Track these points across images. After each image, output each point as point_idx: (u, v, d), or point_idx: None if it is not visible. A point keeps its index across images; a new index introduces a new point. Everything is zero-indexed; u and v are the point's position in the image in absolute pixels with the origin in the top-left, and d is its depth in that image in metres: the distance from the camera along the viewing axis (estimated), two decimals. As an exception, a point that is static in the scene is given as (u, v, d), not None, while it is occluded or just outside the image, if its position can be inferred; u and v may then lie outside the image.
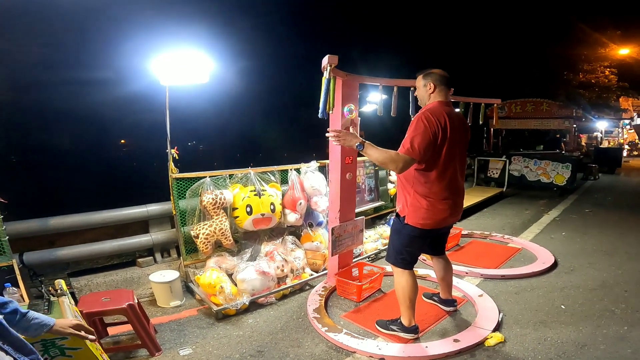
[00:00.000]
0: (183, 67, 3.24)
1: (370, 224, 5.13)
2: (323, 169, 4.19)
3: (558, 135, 14.01)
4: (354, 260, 3.78)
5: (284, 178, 4.00)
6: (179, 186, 3.42)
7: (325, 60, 2.76)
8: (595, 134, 18.60)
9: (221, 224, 3.39)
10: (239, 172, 3.69)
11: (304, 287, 3.55)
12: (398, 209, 2.58)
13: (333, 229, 3.27)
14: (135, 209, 3.99)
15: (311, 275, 3.65)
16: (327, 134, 2.49)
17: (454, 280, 3.08)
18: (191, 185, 3.43)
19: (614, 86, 17.58)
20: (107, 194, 10.83)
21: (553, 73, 16.98)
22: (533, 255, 4.25)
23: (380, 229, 4.84)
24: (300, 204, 3.81)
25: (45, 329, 1.42)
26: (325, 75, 2.73)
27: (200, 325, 2.93)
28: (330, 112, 2.83)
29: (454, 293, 3.06)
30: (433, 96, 2.47)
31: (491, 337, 2.56)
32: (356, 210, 3.67)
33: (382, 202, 5.24)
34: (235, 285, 3.20)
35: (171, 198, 3.42)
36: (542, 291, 3.36)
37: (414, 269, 2.59)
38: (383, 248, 4.36)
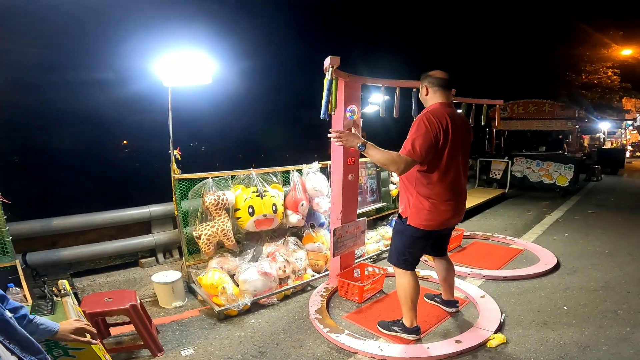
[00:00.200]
0: (186, 68, 3.26)
1: (372, 225, 5.13)
2: (325, 170, 4.19)
3: (560, 136, 13.95)
4: (355, 261, 3.78)
5: (286, 179, 4.00)
6: (181, 187, 3.43)
7: (327, 62, 2.77)
8: (597, 135, 18.52)
9: (223, 225, 3.39)
10: (241, 173, 3.70)
11: (305, 288, 3.55)
12: (400, 210, 2.58)
13: (335, 230, 3.27)
14: (137, 209, 4.01)
15: (313, 276, 3.65)
16: (329, 135, 2.49)
17: (456, 281, 3.07)
18: (193, 186, 3.44)
19: (617, 87, 17.53)
20: (110, 195, 10.86)
21: (555, 74, 16.97)
22: (535, 257, 4.24)
23: (382, 230, 4.84)
24: (302, 205, 3.82)
25: (50, 335, 1.44)
26: (327, 76, 2.74)
27: (202, 325, 2.94)
28: (333, 113, 2.84)
29: (456, 294, 3.06)
30: (433, 98, 2.47)
31: (493, 338, 2.56)
32: (358, 212, 3.67)
33: (384, 203, 5.24)
34: (237, 285, 3.20)
35: (173, 199, 3.43)
36: (545, 292, 3.36)
37: (415, 270, 2.59)
38: (385, 249, 4.36)
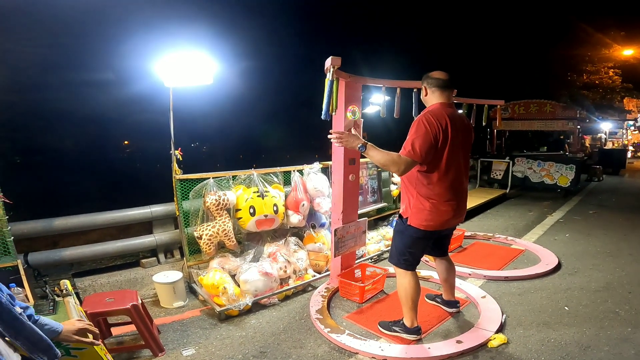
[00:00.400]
0: (187, 69, 3.26)
1: (373, 225, 5.13)
2: (326, 170, 4.20)
3: (562, 137, 13.96)
4: (356, 261, 3.78)
5: (286, 179, 4.01)
6: (182, 187, 3.44)
7: (328, 62, 2.77)
8: (599, 135, 18.48)
9: (224, 225, 3.40)
10: (242, 174, 3.71)
11: (306, 288, 3.55)
12: (401, 210, 2.59)
13: (336, 230, 3.28)
14: (139, 209, 4.01)
15: (314, 276, 3.65)
16: (330, 136, 2.49)
17: (457, 282, 3.08)
18: (194, 187, 3.45)
19: (618, 87, 17.50)
20: (111, 195, 10.88)
21: (557, 74, 16.95)
22: (536, 257, 4.24)
23: (383, 230, 4.84)
24: (303, 205, 3.82)
25: (54, 335, 1.45)
26: (328, 76, 2.74)
27: (203, 325, 2.94)
28: (333, 114, 2.84)
29: (457, 294, 3.06)
30: (433, 98, 2.47)
31: (494, 339, 2.56)
32: (359, 212, 3.68)
33: (385, 204, 5.24)
34: (238, 286, 3.21)
35: (174, 199, 3.44)
36: (546, 293, 3.35)
37: (416, 271, 2.59)
38: (386, 249, 4.36)
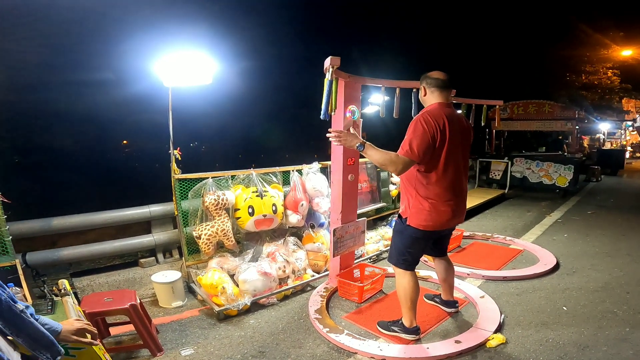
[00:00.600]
0: (186, 69, 3.26)
1: (372, 225, 5.13)
2: (325, 170, 4.20)
3: (560, 137, 13.97)
4: (355, 261, 3.78)
5: (285, 179, 4.00)
6: (181, 187, 3.44)
7: (327, 62, 2.77)
8: (597, 135, 18.52)
9: (223, 225, 3.40)
10: (241, 173, 3.71)
11: (305, 288, 3.55)
12: (400, 211, 2.59)
13: (335, 230, 3.28)
14: (137, 209, 4.00)
15: (313, 276, 3.65)
16: (328, 134, 2.50)
17: (456, 282, 3.08)
18: (193, 186, 3.44)
19: (617, 87, 17.56)
20: (109, 195, 10.86)
21: (556, 74, 17.00)
22: (535, 257, 4.24)
23: (382, 230, 4.85)
24: (302, 205, 3.82)
25: (53, 335, 1.44)
26: (328, 76, 2.74)
27: (202, 325, 2.94)
28: (333, 114, 2.84)
29: (456, 294, 3.06)
30: (432, 98, 2.47)
31: (492, 339, 2.56)
32: (358, 212, 3.68)
33: (384, 204, 5.25)
34: (237, 285, 3.21)
35: (173, 199, 3.43)
36: (544, 293, 3.36)
37: (415, 271, 2.59)
38: (385, 249, 4.36)
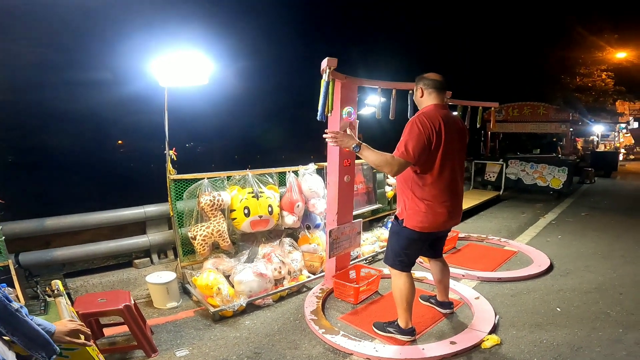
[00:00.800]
0: (182, 69, 3.25)
1: (368, 226, 5.14)
2: (321, 172, 4.20)
3: (555, 139, 14.07)
4: (351, 262, 3.78)
5: (282, 180, 4.00)
6: (176, 187, 3.42)
7: (324, 63, 2.77)
8: (591, 137, 18.67)
9: (219, 226, 3.39)
10: (237, 174, 3.70)
11: (301, 289, 3.55)
12: (397, 212, 2.59)
13: (331, 232, 3.28)
14: (132, 210, 3.99)
15: (308, 277, 3.64)
16: (325, 135, 2.50)
17: (451, 283, 3.09)
18: (189, 187, 3.43)
19: (611, 90, 17.69)
20: (104, 195, 10.80)
21: (550, 77, 17.10)
22: (529, 258, 4.27)
23: (378, 232, 4.85)
24: (298, 206, 3.82)
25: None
26: (325, 77, 2.74)
27: (197, 326, 2.93)
28: (329, 115, 2.84)
29: (451, 295, 3.07)
30: (427, 100, 2.47)
31: (487, 340, 2.57)
32: (354, 213, 3.68)
33: (380, 205, 5.26)
34: (233, 286, 3.19)
35: (169, 199, 3.42)
36: (538, 294, 3.38)
37: (411, 272, 2.60)
38: (380, 250, 4.37)
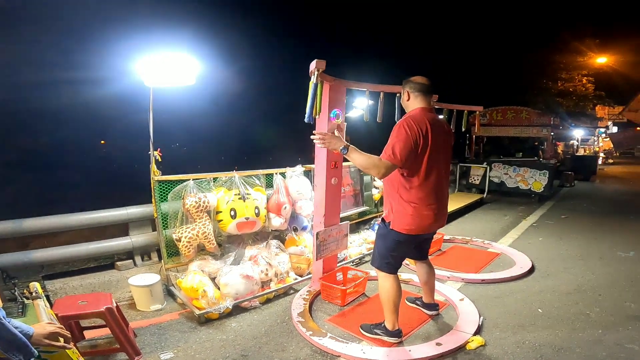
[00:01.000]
0: (169, 69, 3.20)
1: (355, 228, 5.15)
2: (308, 174, 4.19)
3: (536, 143, 14.36)
4: (338, 264, 3.79)
5: (269, 182, 3.98)
6: (161, 189, 3.37)
7: (312, 65, 2.77)
8: (571, 142, 19.14)
9: (204, 228, 3.35)
10: (223, 176, 3.66)
11: (288, 291, 3.53)
12: (384, 214, 2.61)
13: (318, 234, 3.28)
14: (114, 211, 3.90)
15: (295, 279, 3.63)
16: (312, 137, 2.50)
17: (436, 285, 3.12)
18: (174, 188, 3.38)
19: (591, 95, 18.11)
20: (85, 196, 10.56)
21: (533, 81, 17.43)
22: (512, 260, 4.35)
23: (365, 234, 4.87)
24: (285, 208, 3.80)
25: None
26: (313, 79, 2.74)
27: (182, 329, 2.88)
28: (317, 117, 2.84)
29: (436, 297, 3.11)
30: (414, 103, 2.49)
31: (472, 341, 2.61)
32: (341, 215, 3.69)
33: (367, 207, 5.28)
34: (219, 289, 3.16)
35: (153, 201, 3.36)
36: (520, 295, 3.44)
37: (397, 274, 2.62)
38: (367, 253, 4.39)
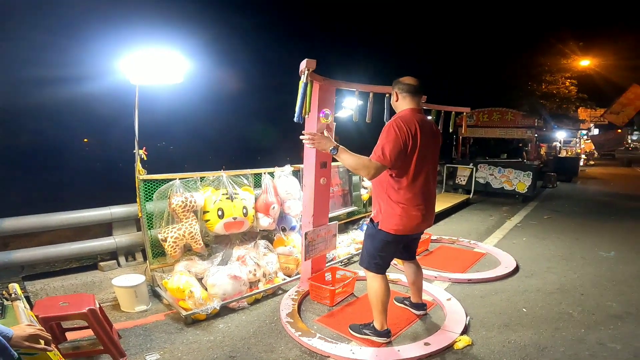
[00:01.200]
0: (156, 66, 3.14)
1: (343, 228, 5.16)
2: (297, 173, 4.18)
3: (521, 145, 14.64)
4: (327, 264, 3.78)
5: (257, 181, 3.95)
6: (146, 188, 3.31)
7: (303, 64, 2.75)
8: (554, 143, 19.53)
9: (191, 228, 3.30)
10: (210, 175, 3.62)
11: (276, 292, 3.51)
12: (372, 215, 2.61)
13: (306, 234, 3.26)
14: (97, 210, 3.81)
15: (284, 279, 3.61)
16: (302, 137, 2.48)
17: (424, 284, 3.14)
18: (159, 187, 3.32)
19: (574, 97, 18.50)
20: (67, 196, 10.32)
21: (519, 83, 17.74)
22: (497, 260, 4.41)
23: (353, 234, 4.88)
24: (274, 208, 3.78)
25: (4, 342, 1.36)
26: (303, 79, 2.73)
27: (169, 330, 2.84)
28: (306, 117, 2.83)
29: (424, 297, 3.12)
30: (403, 104, 2.50)
31: (459, 340, 2.63)
32: (329, 215, 3.68)
33: (355, 208, 5.29)
34: (206, 289, 3.12)
35: (137, 200, 3.30)
36: (506, 295, 3.50)
37: (386, 274, 2.62)
38: (356, 253, 4.39)
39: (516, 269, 4.13)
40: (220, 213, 3.42)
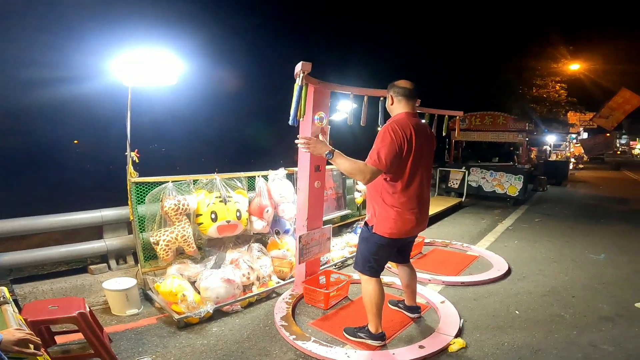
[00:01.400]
0: (149, 68, 3.12)
1: (337, 232, 5.16)
2: (291, 177, 4.17)
3: (512, 148, 14.82)
4: (321, 268, 3.77)
5: (251, 185, 3.93)
6: (138, 191, 3.27)
7: (298, 67, 2.75)
8: (544, 147, 19.77)
9: (183, 231, 3.27)
10: (203, 178, 3.59)
11: (270, 295, 3.49)
12: (367, 218, 2.61)
13: (300, 237, 3.25)
14: (87, 213, 3.76)
15: (278, 283, 3.60)
16: (297, 141, 2.47)
17: (418, 288, 3.15)
18: (151, 190, 3.29)
19: (564, 101, 18.75)
20: (57, 198, 10.18)
21: (510, 87, 17.93)
22: (489, 263, 4.44)
23: (347, 237, 4.88)
24: (268, 211, 3.76)
25: None
26: (298, 82, 2.72)
27: (161, 334, 2.80)
28: (301, 120, 2.82)
29: (418, 300, 3.13)
30: (398, 107, 2.51)
31: (454, 343, 2.64)
32: (323, 219, 3.67)
33: (349, 211, 5.29)
34: (199, 293, 3.09)
35: (129, 203, 3.26)
36: (498, 297, 3.52)
37: (380, 277, 2.62)
38: (350, 256, 4.39)
39: (508, 272, 4.16)
40: (213, 216, 3.39)
